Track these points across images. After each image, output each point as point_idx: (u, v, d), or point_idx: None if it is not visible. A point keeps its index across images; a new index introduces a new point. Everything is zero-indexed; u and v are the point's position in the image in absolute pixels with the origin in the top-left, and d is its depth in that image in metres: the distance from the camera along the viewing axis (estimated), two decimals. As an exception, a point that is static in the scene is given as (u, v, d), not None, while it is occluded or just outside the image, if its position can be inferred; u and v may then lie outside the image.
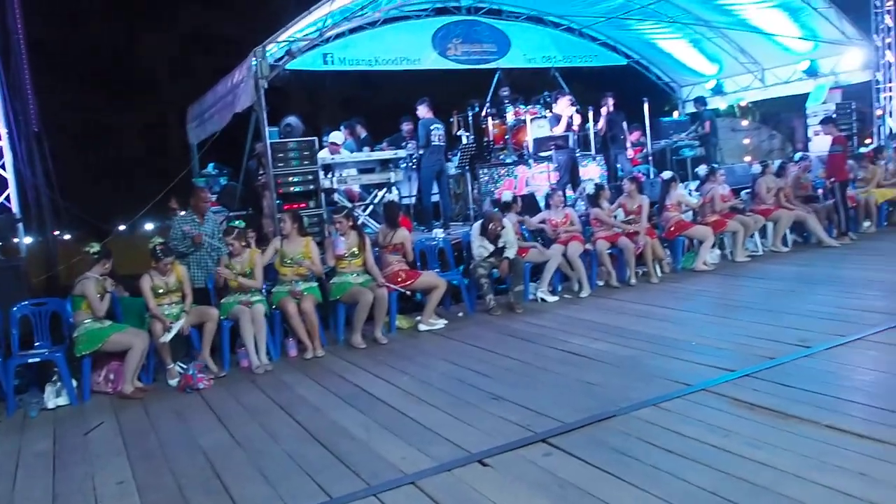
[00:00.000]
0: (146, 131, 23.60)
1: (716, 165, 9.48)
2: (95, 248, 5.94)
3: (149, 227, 13.66)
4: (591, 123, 10.96)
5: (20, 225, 8.15)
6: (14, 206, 8.13)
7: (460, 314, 7.42)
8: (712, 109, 12.96)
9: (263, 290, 6.50)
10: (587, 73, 13.90)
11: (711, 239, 8.47)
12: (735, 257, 8.76)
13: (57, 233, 9.07)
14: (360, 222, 8.26)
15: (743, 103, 15.79)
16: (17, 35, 8.42)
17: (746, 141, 17.56)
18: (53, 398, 5.55)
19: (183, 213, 6.91)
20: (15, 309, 5.95)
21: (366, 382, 5.38)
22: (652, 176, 11.07)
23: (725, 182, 9.11)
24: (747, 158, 15.47)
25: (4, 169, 8.12)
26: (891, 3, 12.48)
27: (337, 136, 9.33)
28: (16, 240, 8.09)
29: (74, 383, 5.66)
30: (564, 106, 10.36)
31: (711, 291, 7.46)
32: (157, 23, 21.85)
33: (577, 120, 10.45)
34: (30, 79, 8.60)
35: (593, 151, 11.22)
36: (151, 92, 23.41)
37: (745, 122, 18.22)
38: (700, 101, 12.30)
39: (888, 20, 12.39)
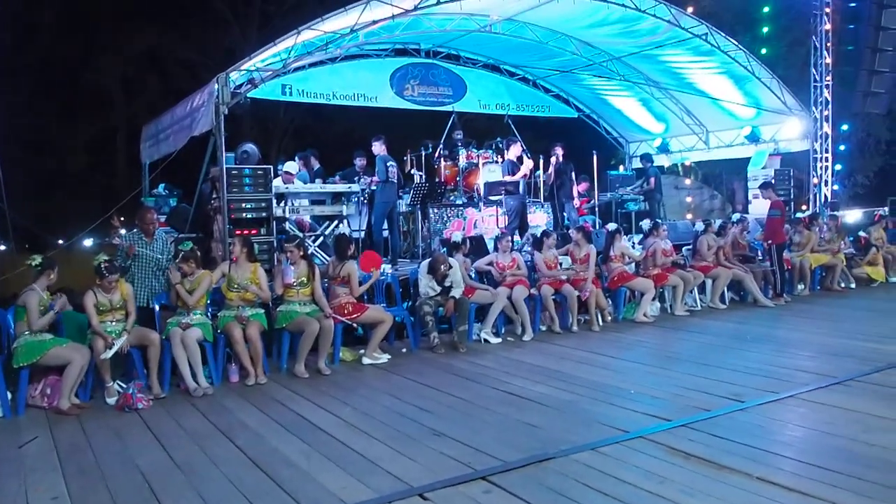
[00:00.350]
0: (94, 147, 23.10)
1: (659, 220, 9.83)
2: (37, 260, 5.81)
3: (88, 242, 13.34)
4: (540, 171, 11.27)
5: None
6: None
7: (404, 350, 7.47)
8: (658, 166, 13.45)
9: (208, 314, 6.43)
10: (539, 123, 14.35)
11: (652, 292, 8.75)
12: (674, 311, 9.05)
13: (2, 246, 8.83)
14: (309, 252, 8.27)
15: (687, 163, 16.46)
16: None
17: (689, 199, 18.26)
18: (-13, 411, 5.37)
19: (132, 230, 6.81)
20: (-50, 319, 5.76)
21: (307, 411, 5.37)
22: (597, 227, 11.40)
23: (668, 237, 9.46)
24: (689, 216, 16.09)
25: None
26: (829, 78, 13.30)
27: (291, 166, 9.39)
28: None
29: (9, 395, 5.51)
30: (516, 153, 10.65)
31: (650, 343, 7.69)
32: (112, 41, 21.58)
33: (528, 167, 10.74)
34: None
35: (541, 199, 11.52)
36: (102, 109, 23.03)
37: (688, 181, 18.96)
38: (646, 157, 12.79)
39: (826, 94, 13.18)
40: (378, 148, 9.94)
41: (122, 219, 7.24)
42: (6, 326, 5.90)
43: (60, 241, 12.44)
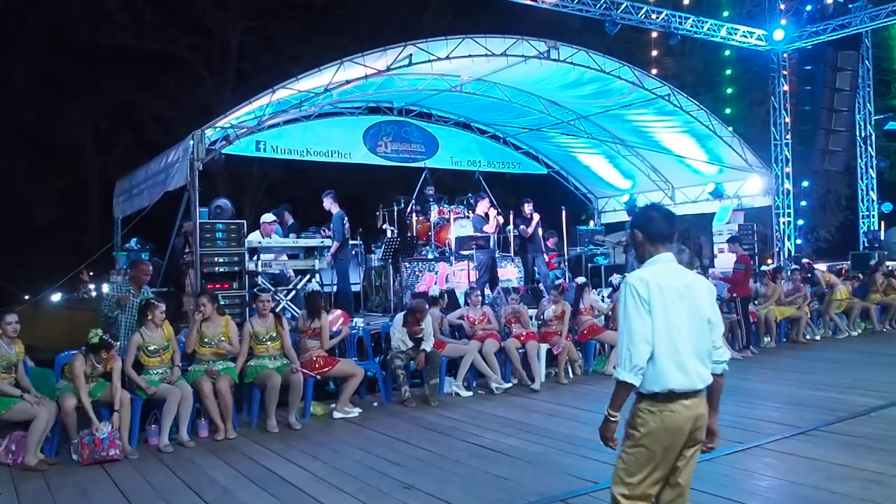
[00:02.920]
0: (65, 201, 22.93)
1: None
2: None
3: (56, 297, 13.20)
4: (510, 227, 11.47)
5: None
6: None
7: (375, 404, 7.45)
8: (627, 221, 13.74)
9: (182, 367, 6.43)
10: (509, 179, 14.66)
11: (621, 344, 8.84)
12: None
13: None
14: (280, 307, 8.30)
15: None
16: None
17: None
18: (-52, 468, 5.25)
19: (124, 280, 6.84)
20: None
21: (277, 466, 5.33)
22: (567, 280, 11.58)
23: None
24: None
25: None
26: (788, 136, 13.83)
27: (269, 217, 9.50)
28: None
29: (-28, 452, 5.38)
30: (485, 208, 10.85)
31: (619, 394, 7.74)
32: (86, 94, 21.69)
33: (498, 222, 10.94)
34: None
35: (511, 253, 11.69)
36: (74, 162, 22.97)
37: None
38: (631, 210, 13.03)
39: (786, 152, 13.69)
40: (329, 203, 9.95)
41: (91, 273, 7.26)
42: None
43: (27, 297, 12.31)
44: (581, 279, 9.48)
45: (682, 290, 3.00)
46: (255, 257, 8.63)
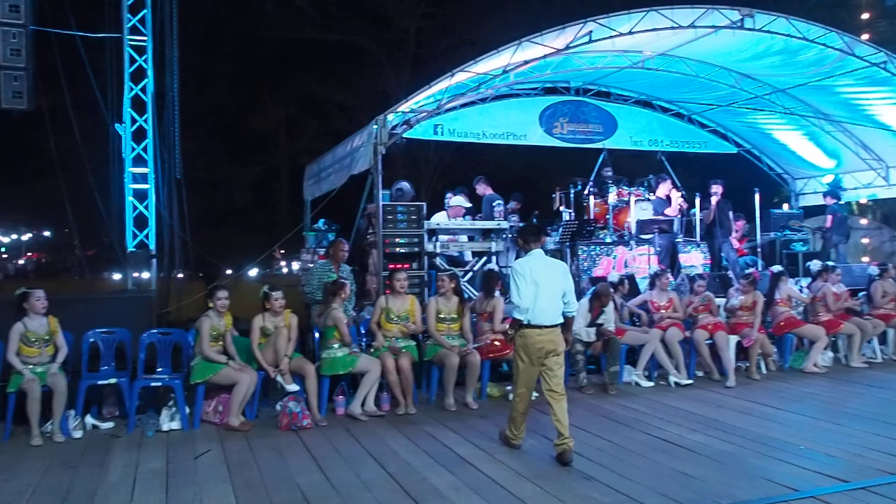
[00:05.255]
0: (259, 185, 24.94)
1: (830, 263, 9.10)
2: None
3: (253, 273, 14.33)
4: (696, 209, 10.82)
5: (154, 261, 8.81)
6: (151, 244, 8.80)
7: (550, 389, 7.33)
8: (843, 204, 12.47)
9: (363, 343, 6.69)
10: (693, 159, 13.79)
11: (825, 340, 8.08)
12: (850, 362, 8.32)
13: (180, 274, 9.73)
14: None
15: (863, 200, 15.14)
16: (171, 93, 9.26)
17: (865, 240, 16.71)
18: (168, 422, 5.93)
19: (308, 258, 7.29)
20: (144, 336, 6.41)
21: (455, 444, 5.41)
22: (760, 269, 10.75)
23: (841, 281, 8.72)
24: (865, 259, 14.74)
25: (148, 209, 8.85)
26: None
27: (461, 200, 9.64)
28: (146, 275, 8.74)
29: (187, 410, 6.00)
30: (666, 190, 10.30)
31: (821, 395, 7.08)
32: (276, 88, 23.35)
33: (681, 205, 10.37)
34: (178, 131, 9.39)
35: (697, 238, 11.03)
36: (266, 150, 24.88)
37: (864, 221, 17.40)
38: (832, 192, 11.89)
39: None
40: (482, 189, 10.23)
41: (282, 251, 7.81)
42: (186, 347, 6.43)
43: (229, 271, 13.42)
44: (777, 267, 8.75)
45: None
46: (433, 238, 8.81)
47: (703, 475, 4.60)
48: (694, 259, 10.81)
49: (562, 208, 11.41)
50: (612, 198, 11.04)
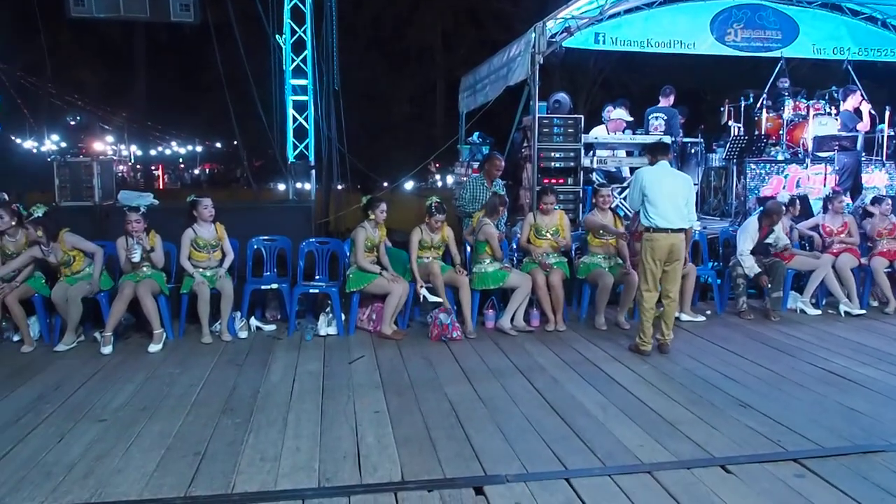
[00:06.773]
0: (416, 98, 25.21)
1: None
2: (363, 201, 6.50)
3: (408, 185, 14.70)
4: (885, 126, 9.74)
5: (313, 172, 9.23)
6: (310, 155, 9.20)
7: (708, 312, 7.06)
8: None
9: (514, 258, 6.73)
10: (882, 69, 12.30)
11: None
12: None
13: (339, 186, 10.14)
14: (614, 204, 8.17)
15: None
16: (329, 2, 9.40)
17: None
18: (325, 327, 6.30)
19: (461, 171, 7.35)
20: (303, 245, 6.81)
21: (604, 363, 5.37)
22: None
23: None
24: None
25: (308, 121, 9.20)
26: None
27: (622, 114, 9.30)
28: (307, 186, 9.18)
29: (343, 317, 6.35)
30: (856, 103, 9.30)
31: None
32: (433, 0, 23.14)
33: (868, 119, 9.38)
34: (336, 43, 9.58)
35: (883, 157, 9.97)
36: (423, 62, 24.97)
37: None
38: None
39: None
40: (666, 101, 9.92)
41: (437, 165, 7.88)
42: (343, 256, 6.74)
43: (385, 184, 13.86)
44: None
45: None
46: (590, 153, 8.57)
47: (874, 412, 4.30)
48: (877, 180, 9.82)
49: (730, 122, 10.69)
50: (787, 112, 10.16)
